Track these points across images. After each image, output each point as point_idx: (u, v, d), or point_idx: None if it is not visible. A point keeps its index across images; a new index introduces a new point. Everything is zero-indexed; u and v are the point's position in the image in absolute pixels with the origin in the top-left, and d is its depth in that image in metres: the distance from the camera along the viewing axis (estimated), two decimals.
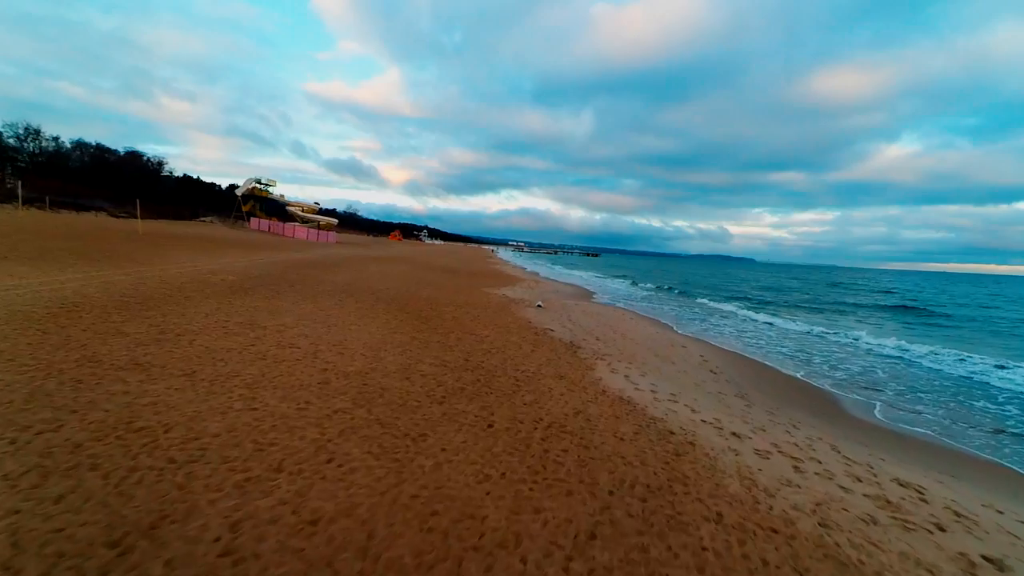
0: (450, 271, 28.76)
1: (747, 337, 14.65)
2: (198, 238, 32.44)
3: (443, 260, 42.53)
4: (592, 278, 41.92)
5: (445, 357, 7.50)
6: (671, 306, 22.24)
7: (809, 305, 28.44)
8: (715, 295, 32.22)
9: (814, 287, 51.24)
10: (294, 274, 17.14)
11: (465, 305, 14.24)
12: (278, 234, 54.50)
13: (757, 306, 25.69)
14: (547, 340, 10.11)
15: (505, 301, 16.80)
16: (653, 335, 12.70)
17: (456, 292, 17.56)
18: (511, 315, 13.41)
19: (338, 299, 12.53)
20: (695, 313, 20.09)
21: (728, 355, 11.55)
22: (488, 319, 12.23)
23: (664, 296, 28.26)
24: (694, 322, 17.11)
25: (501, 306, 15.17)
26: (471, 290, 19.27)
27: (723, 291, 37.15)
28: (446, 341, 8.79)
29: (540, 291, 22.99)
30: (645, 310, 19.65)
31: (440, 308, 13.04)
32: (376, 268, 24.32)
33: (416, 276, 22.33)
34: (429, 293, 16.26)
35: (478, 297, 16.98)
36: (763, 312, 21.99)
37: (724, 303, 25.45)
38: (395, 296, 14.39)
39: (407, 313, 11.60)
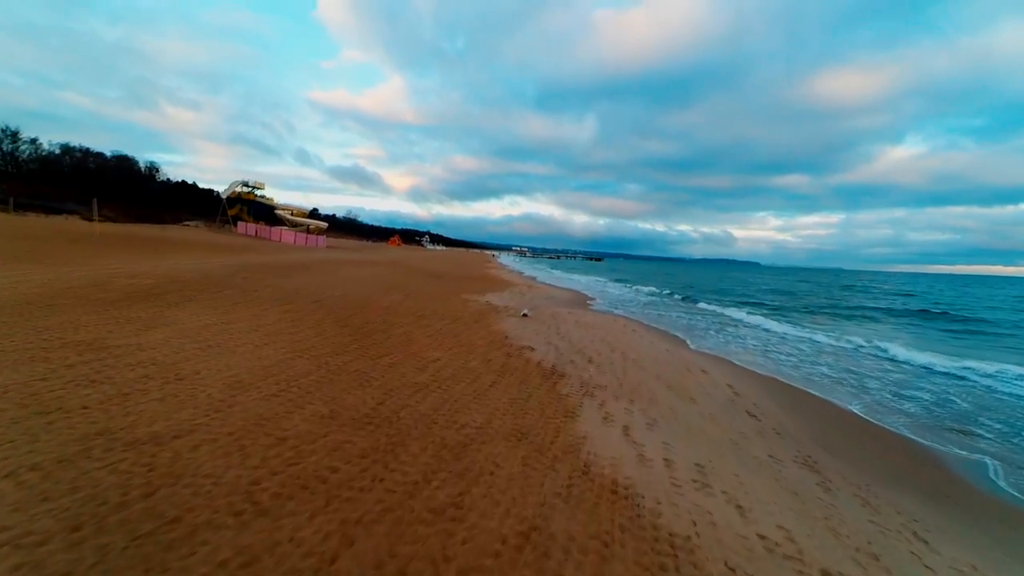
0: (436, 275, 26.26)
1: (775, 353, 12.04)
2: (166, 241, 30.09)
3: (435, 264, 40.07)
4: (592, 283, 39.34)
5: (347, 400, 4.93)
6: (678, 314, 19.63)
7: (830, 310, 25.75)
8: (724, 300, 29.57)
9: (827, 290, 48.45)
10: (241, 278, 14.66)
11: (432, 315, 11.71)
12: (265, 238, 52.27)
13: (774, 312, 23.04)
14: (520, 365, 7.55)
15: (486, 309, 14.27)
16: (661, 354, 10.11)
17: (430, 299, 15.03)
18: (486, 328, 10.87)
19: (267, 307, 10.04)
20: (707, 322, 17.48)
21: (761, 382, 8.91)
22: (453, 334, 9.69)
23: (669, 302, 25.63)
24: (708, 333, 14.51)
25: (478, 316, 12.64)
26: (450, 296, 16.74)
27: (732, 295, 34.50)
28: (370, 370, 6.24)
29: (532, 297, 20.44)
30: (650, 319, 17.05)
31: (395, 319, 10.52)
32: (350, 272, 21.83)
33: (392, 281, 19.83)
34: (395, 300, 13.75)
35: (454, 305, 14.45)
36: (784, 321, 19.35)
37: (736, 309, 22.80)
38: (347, 303, 11.88)
39: (345, 326, 9.07)
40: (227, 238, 43.68)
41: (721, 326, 16.37)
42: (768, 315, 21.30)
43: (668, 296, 29.23)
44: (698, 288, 41.65)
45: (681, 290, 36.46)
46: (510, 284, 26.36)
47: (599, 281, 42.06)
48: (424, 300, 14.55)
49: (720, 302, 27.33)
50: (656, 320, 16.85)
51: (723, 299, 30.40)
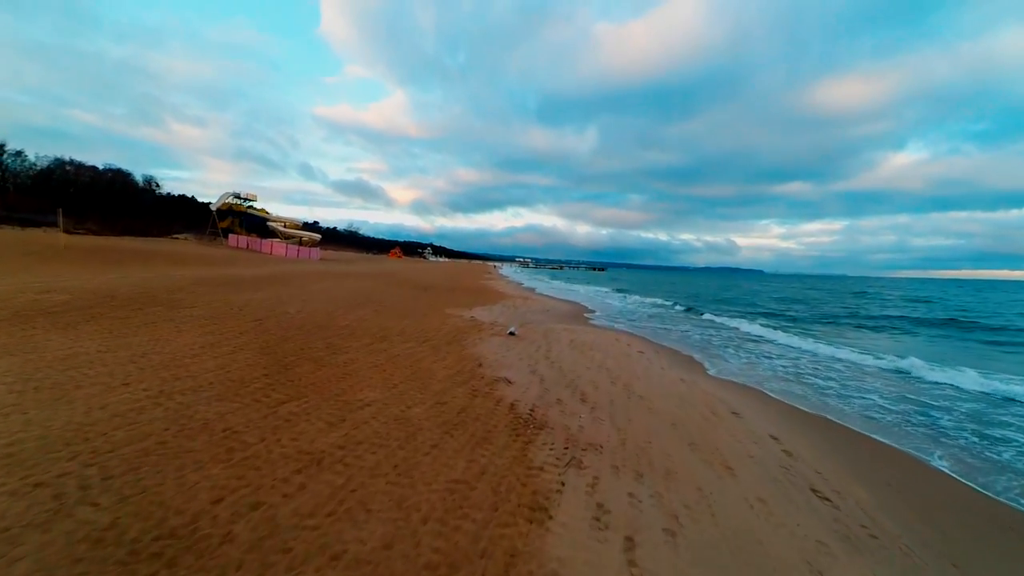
0: (423, 288, 24.36)
1: (811, 377, 9.96)
2: (141, 253, 28.39)
3: (428, 276, 38.23)
4: (594, 293, 37.34)
5: (155, 497, 2.97)
6: (687, 327, 17.56)
7: (851, 320, 23.59)
8: (734, 310, 27.46)
9: (839, 297, 46.14)
10: (186, 292, 12.81)
11: (397, 335, 9.75)
12: (256, 250, 50.69)
13: (791, 324, 20.94)
14: (487, 409, 5.57)
15: (467, 326, 12.31)
16: (675, 385, 8.03)
17: (404, 315, 13.08)
18: (458, 351, 8.90)
19: (185, 328, 8.13)
20: (721, 337, 15.41)
21: (811, 426, 6.77)
22: (412, 361, 7.73)
23: (676, 314, 23.54)
24: (726, 352, 12.44)
25: (454, 335, 10.67)
26: (431, 312, 14.80)
27: (740, 305, 32.34)
28: (250, 427, 4.25)
29: (525, 311, 18.47)
30: (656, 335, 14.99)
31: (346, 342, 8.57)
32: (326, 285, 19.95)
33: (369, 294, 17.93)
34: (360, 316, 11.82)
35: (431, 322, 12.49)
36: (806, 335, 17.25)
37: (748, 321, 20.72)
38: (295, 322, 9.96)
39: (269, 353, 7.14)
40: (213, 250, 42.05)
41: (739, 343, 14.29)
42: (786, 328, 19.20)
43: (674, 307, 27.14)
44: (704, 298, 39.56)
45: (687, 300, 34.39)
46: (504, 296, 24.41)
47: (601, 291, 40.05)
48: (396, 317, 12.61)
49: (730, 313, 25.24)
50: (663, 336, 14.80)
51: (732, 309, 28.30)
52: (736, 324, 18.81)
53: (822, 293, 56.61)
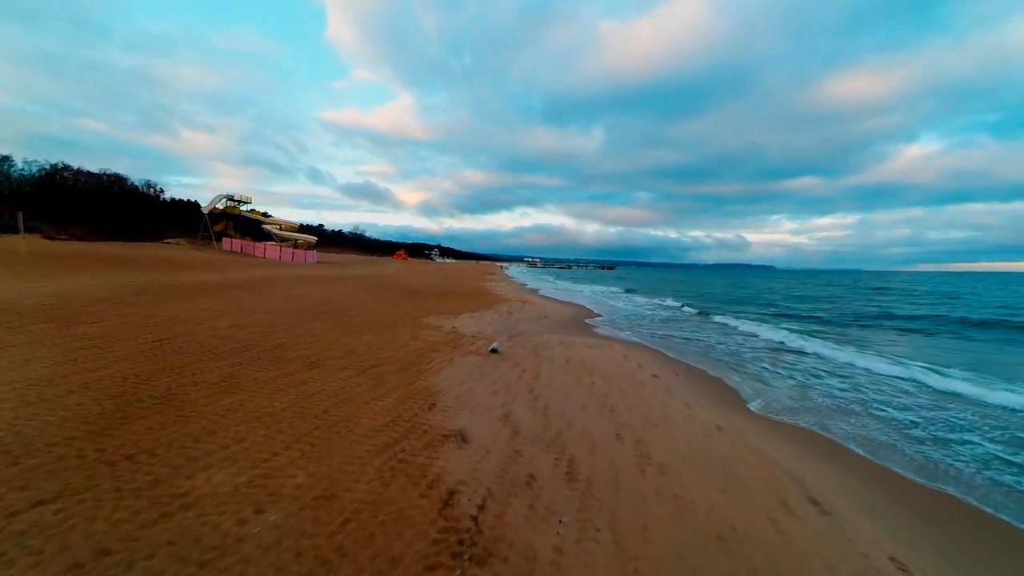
0: (412, 292, 22.17)
1: (885, 410, 7.49)
2: (114, 259, 26.55)
3: (425, 279, 36.10)
4: (601, 294, 34.92)
5: None
6: (706, 335, 15.12)
7: (890, 323, 20.91)
8: (753, 312, 24.88)
9: (862, 294, 43.08)
10: (112, 303, 10.77)
11: (339, 359, 7.50)
12: (249, 254, 48.97)
13: (823, 328, 18.39)
14: (395, 511, 3.27)
15: (443, 341, 10.05)
16: (711, 441, 5.42)
17: (367, 328, 10.86)
18: (409, 384, 6.63)
19: (45, 351, 5.95)
20: (750, 347, 12.96)
21: (941, 516, 4.42)
22: (336, 401, 5.47)
23: (691, 318, 21.03)
24: (762, 371, 10.00)
25: (418, 356, 8.39)
26: (404, 322, 12.58)
27: (759, 305, 29.64)
28: None
29: (521, 317, 16.19)
30: (672, 347, 12.59)
31: (252, 372, 6.32)
32: (296, 291, 17.80)
33: (343, 301, 15.75)
34: (309, 331, 9.61)
35: (399, 336, 10.25)
36: (846, 343, 14.74)
37: (772, 326, 18.23)
38: (212, 342, 7.75)
39: (117, 396, 4.92)
40: (201, 255, 40.27)
41: (772, 355, 11.84)
42: (819, 333, 16.68)
43: (685, 309, 24.62)
44: (718, 297, 36.91)
45: (700, 301, 31.80)
46: (500, 300, 22.14)
47: (608, 292, 37.61)
48: (356, 330, 10.39)
49: (749, 315, 22.71)
50: (680, 348, 12.37)
51: (750, 311, 25.73)
52: (760, 330, 16.31)
53: (841, 289, 53.59)
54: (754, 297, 38.07)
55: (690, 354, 11.47)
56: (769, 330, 16.48)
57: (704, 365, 10.19)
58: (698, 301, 31.54)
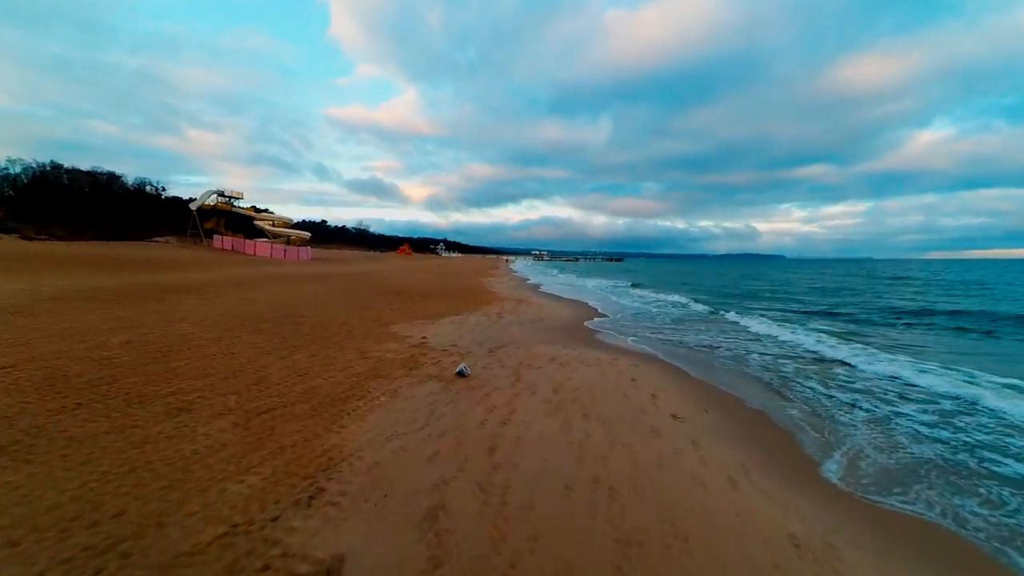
0: (395, 292, 20.02)
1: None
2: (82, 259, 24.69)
3: (417, 276, 34.00)
4: (607, 289, 32.58)
5: None
6: (728, 341, 12.76)
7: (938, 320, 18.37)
8: (775, 309, 22.37)
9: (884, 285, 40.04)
10: (14, 313, 8.72)
11: (211, 400, 5.29)
12: (240, 252, 47.19)
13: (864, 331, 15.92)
14: None
15: (399, 360, 7.88)
16: (788, 560, 3.45)
17: (310, 342, 8.70)
18: (314, 438, 4.42)
19: None
20: (785, 358, 10.64)
21: None
22: (157, 487, 3.28)
23: (707, 317, 18.59)
24: (814, 393, 7.71)
25: (348, 387, 6.22)
26: (365, 332, 10.43)
27: (780, 301, 26.93)
28: None
29: (512, 320, 13.98)
30: (691, 358, 10.30)
31: (65, 429, 4.13)
32: (257, 293, 15.69)
33: (302, 304, 13.61)
34: (231, 349, 7.48)
35: (345, 353, 8.10)
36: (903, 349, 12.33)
37: (803, 327, 15.82)
38: (74, 370, 5.63)
39: None
40: (183, 253, 38.45)
41: (819, 372, 9.45)
42: (862, 337, 14.25)
43: (701, 306, 22.19)
44: (732, 291, 34.32)
45: (714, 297, 29.31)
46: (493, 299, 19.93)
47: (615, 287, 35.24)
48: (294, 346, 8.23)
49: (772, 312, 20.29)
50: (702, 361, 10.06)
51: (771, 308, 23.27)
52: (788, 333, 13.90)
53: (861, 280, 50.65)
54: (770, 290, 35.40)
55: (715, 369, 9.16)
56: (799, 332, 14.11)
57: (737, 388, 7.87)
58: (711, 296, 29.10)
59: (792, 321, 17.32)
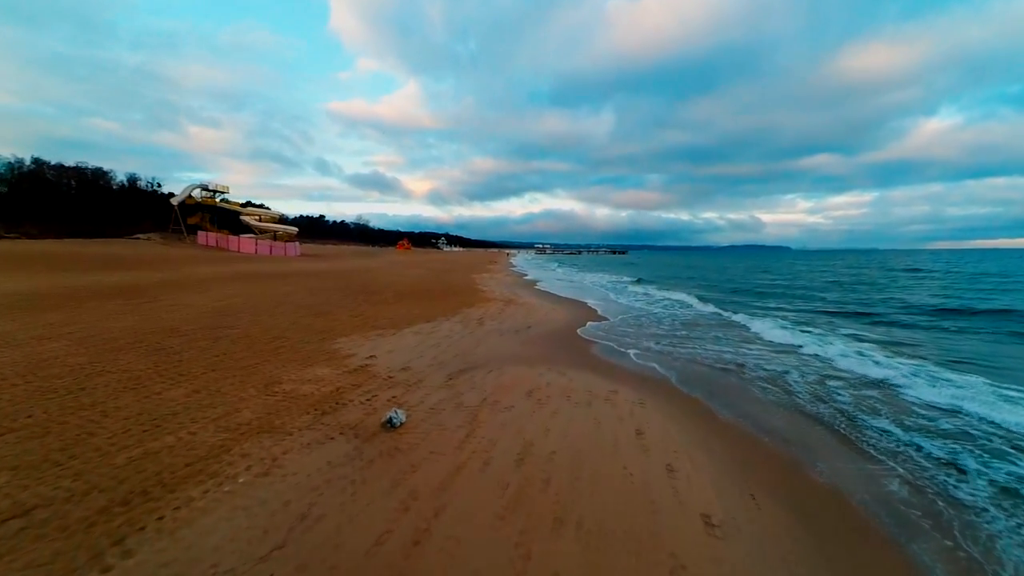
0: (370, 292, 17.88)
1: None
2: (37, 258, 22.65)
3: (406, 272, 31.89)
4: (608, 286, 30.32)
5: None
6: (752, 356, 10.52)
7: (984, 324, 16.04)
8: (792, 309, 19.98)
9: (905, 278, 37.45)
10: None
11: None
12: (224, 248, 45.16)
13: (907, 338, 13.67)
14: None
15: (316, 398, 5.70)
16: None
17: (207, 369, 6.54)
18: None
19: None
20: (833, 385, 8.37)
21: None
22: None
23: (721, 321, 16.29)
24: (904, 457, 5.48)
25: (190, 463, 4.05)
26: (302, 347, 8.28)
27: (796, 298, 24.33)
28: None
29: (493, 328, 11.83)
30: (713, 388, 8.03)
31: None
32: (198, 297, 13.56)
33: (254, 309, 11.49)
34: (82, 389, 5.35)
35: (247, 385, 5.93)
36: (963, 372, 10.13)
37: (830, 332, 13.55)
38: None
39: None
40: (158, 251, 36.42)
41: (882, 399, 7.25)
42: (906, 347, 11.96)
43: (711, 307, 19.86)
44: (741, 287, 31.87)
45: (724, 294, 26.89)
46: (479, 300, 17.76)
47: (616, 283, 32.97)
48: (188, 375, 6.08)
49: (793, 315, 17.98)
50: (733, 391, 7.76)
51: (788, 307, 20.93)
52: (825, 343, 11.59)
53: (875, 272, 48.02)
54: (783, 285, 32.86)
55: (749, 402, 6.89)
56: (835, 341, 11.85)
57: (791, 439, 5.59)
58: (722, 294, 26.75)
59: (818, 324, 15.03)
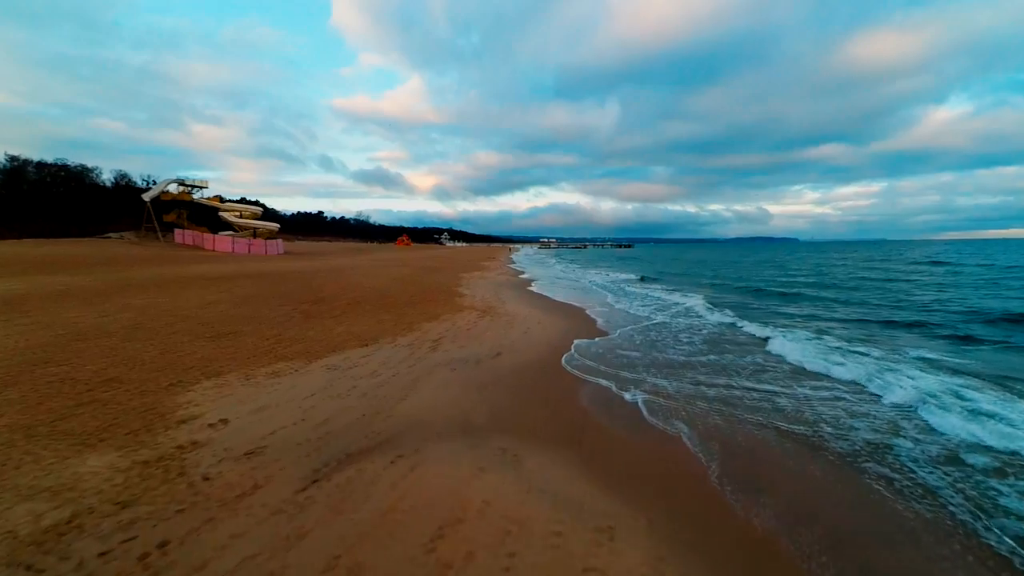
0: (315, 301, 14.74)
1: None
2: None
3: (389, 271, 28.78)
4: (611, 285, 26.98)
5: None
6: (818, 397, 7.29)
7: None
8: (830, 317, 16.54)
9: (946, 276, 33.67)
10: None
11: None
12: (199, 247, 42.26)
13: (1001, 363, 10.39)
14: None
15: None
16: None
17: None
18: None
19: None
20: (1000, 492, 5.15)
21: None
22: None
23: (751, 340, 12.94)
24: None
25: None
26: (108, 412, 5.11)
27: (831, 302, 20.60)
28: None
29: (452, 354, 8.62)
30: (801, 495, 4.77)
31: None
32: (84, 312, 10.50)
33: (91, 339, 8.42)
34: None
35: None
36: None
37: (895, 353, 10.34)
38: None
39: None
40: (117, 250, 33.45)
41: None
42: (1013, 384, 8.69)
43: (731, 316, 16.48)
44: (759, 285, 28.25)
45: (743, 296, 23.35)
46: (451, 309, 14.55)
47: (621, 282, 29.58)
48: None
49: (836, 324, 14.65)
50: (836, 503, 4.46)
51: (828, 312, 17.57)
52: (926, 383, 8.19)
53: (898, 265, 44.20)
54: (803, 283, 28.86)
55: (877, 547, 3.62)
56: (910, 373, 8.52)
57: None
58: (740, 296, 23.26)
59: (875, 342, 11.58)
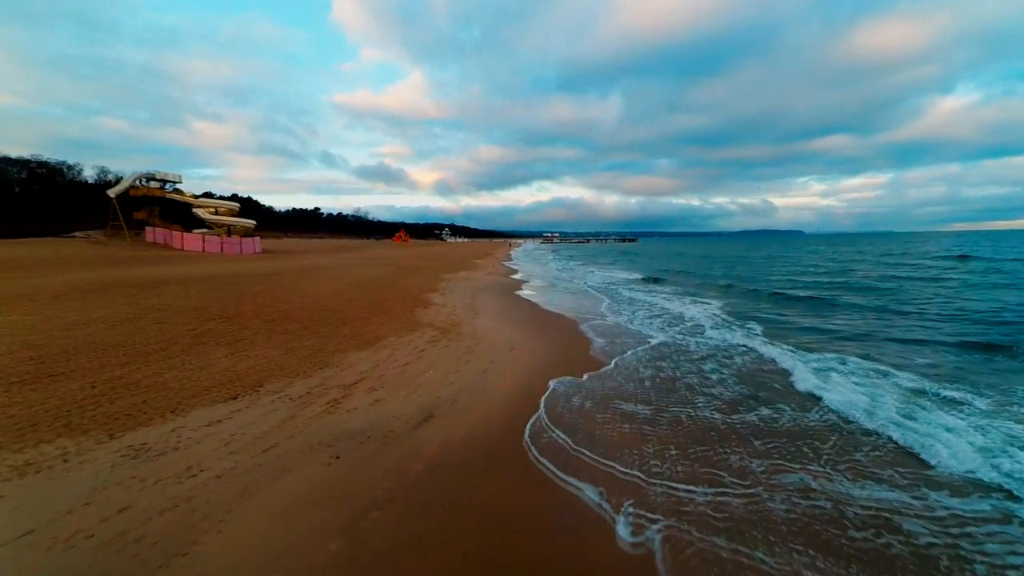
0: (227, 318, 11.71)
1: None
2: None
3: (364, 271, 25.76)
4: (613, 287, 23.86)
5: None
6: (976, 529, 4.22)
7: None
8: (897, 338, 13.39)
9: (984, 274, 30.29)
10: None
11: None
12: (169, 246, 39.33)
13: None
14: None
15: None
16: None
17: None
18: None
19: None
20: None
21: None
22: None
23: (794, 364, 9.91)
24: None
25: None
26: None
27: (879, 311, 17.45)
28: None
29: (348, 426, 5.57)
30: None
31: None
32: None
33: None
34: None
35: None
36: None
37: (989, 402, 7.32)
38: None
39: None
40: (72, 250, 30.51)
41: None
42: None
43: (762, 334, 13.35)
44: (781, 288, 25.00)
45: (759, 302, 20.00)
46: (404, 328, 11.49)
47: (624, 284, 26.42)
48: None
49: (905, 350, 11.53)
50: None
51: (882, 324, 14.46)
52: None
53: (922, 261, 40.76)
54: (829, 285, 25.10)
55: None
56: None
57: None
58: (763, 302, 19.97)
59: (969, 379, 8.45)
